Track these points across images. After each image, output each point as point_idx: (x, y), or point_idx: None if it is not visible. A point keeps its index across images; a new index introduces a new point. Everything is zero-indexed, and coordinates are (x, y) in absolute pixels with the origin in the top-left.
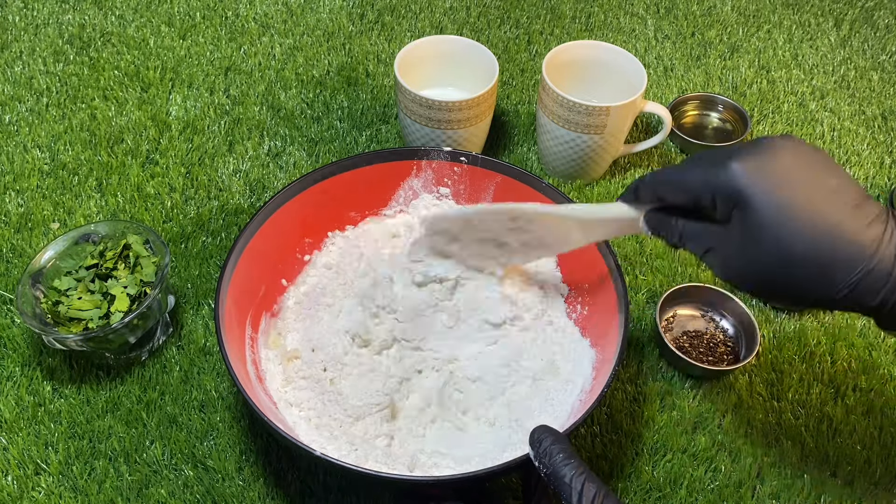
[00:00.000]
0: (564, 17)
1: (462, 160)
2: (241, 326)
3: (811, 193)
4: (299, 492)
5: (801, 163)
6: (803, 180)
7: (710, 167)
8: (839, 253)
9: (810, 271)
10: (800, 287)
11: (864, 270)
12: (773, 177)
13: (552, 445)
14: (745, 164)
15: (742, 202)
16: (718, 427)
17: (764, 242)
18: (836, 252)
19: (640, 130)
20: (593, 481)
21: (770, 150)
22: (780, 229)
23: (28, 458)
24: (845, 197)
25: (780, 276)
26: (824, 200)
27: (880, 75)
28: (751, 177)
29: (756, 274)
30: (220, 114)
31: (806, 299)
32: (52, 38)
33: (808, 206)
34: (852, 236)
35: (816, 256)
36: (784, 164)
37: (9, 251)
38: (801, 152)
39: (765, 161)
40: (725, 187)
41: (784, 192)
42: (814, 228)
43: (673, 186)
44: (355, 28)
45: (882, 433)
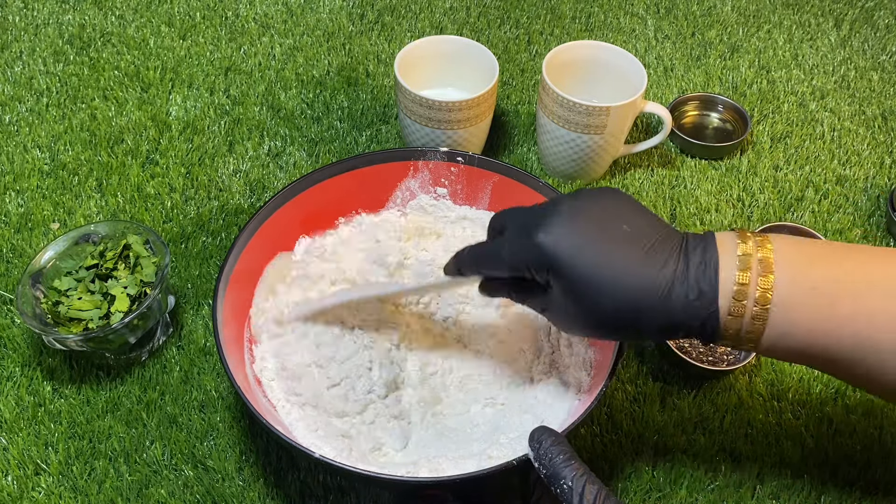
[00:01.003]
0: (564, 17)
1: (459, 160)
2: (240, 327)
3: (607, 249)
4: (299, 492)
5: (595, 219)
6: (599, 237)
7: (519, 244)
8: (640, 302)
9: (624, 321)
10: (624, 333)
11: (664, 313)
12: (574, 241)
13: (552, 446)
14: (547, 237)
15: (553, 272)
16: (718, 427)
17: (579, 304)
18: (638, 302)
19: (640, 130)
20: (594, 482)
21: (568, 214)
22: (588, 292)
23: (28, 458)
24: (638, 243)
25: (604, 329)
26: (619, 252)
27: (880, 75)
28: (555, 248)
29: (586, 329)
30: (220, 114)
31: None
32: (52, 38)
33: (606, 263)
34: (647, 284)
35: (623, 309)
36: (581, 226)
37: (9, 251)
38: (596, 208)
39: (564, 227)
40: (536, 263)
41: (584, 255)
42: (614, 283)
43: (491, 265)
44: (355, 28)
45: (882, 433)
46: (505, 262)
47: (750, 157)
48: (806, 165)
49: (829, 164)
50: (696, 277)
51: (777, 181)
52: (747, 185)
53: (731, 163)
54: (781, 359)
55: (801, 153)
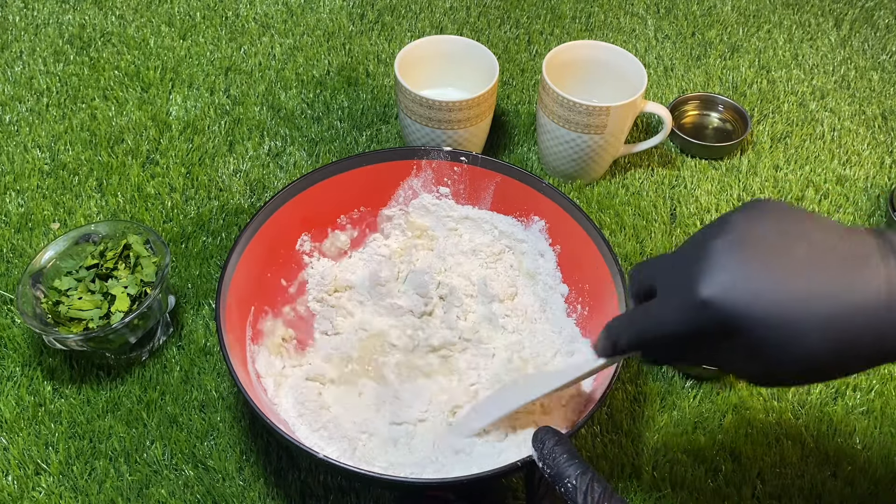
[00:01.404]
0: (564, 17)
1: (462, 160)
2: (241, 326)
3: (795, 275)
4: (299, 492)
5: (763, 248)
6: (776, 269)
7: (679, 308)
8: (855, 327)
9: (839, 355)
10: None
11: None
12: (747, 285)
13: (556, 446)
14: (713, 288)
15: (734, 332)
16: (719, 427)
17: (779, 356)
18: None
19: (641, 130)
20: (598, 481)
21: (728, 251)
22: (785, 340)
23: (28, 458)
24: (825, 258)
25: (806, 375)
26: (811, 274)
27: (880, 75)
28: (729, 301)
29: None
30: (221, 114)
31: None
32: (52, 38)
33: (800, 296)
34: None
35: (835, 341)
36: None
37: (9, 251)
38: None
39: (729, 271)
40: (711, 327)
41: (767, 298)
42: (816, 319)
43: (653, 340)
44: (355, 28)
45: (882, 433)
46: (670, 333)
47: (750, 157)
48: (806, 165)
49: (829, 163)
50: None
51: (777, 181)
52: (747, 185)
53: (731, 163)
54: None
55: (801, 153)
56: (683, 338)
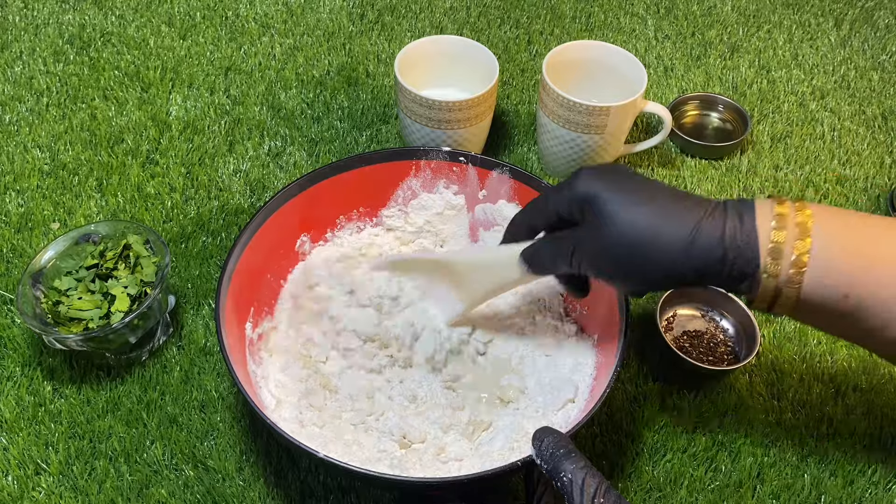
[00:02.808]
0: (564, 17)
1: (461, 160)
2: (241, 326)
3: (642, 189)
4: (299, 492)
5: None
6: (636, 182)
7: (563, 186)
8: (668, 235)
9: (651, 247)
10: (644, 262)
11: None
12: (614, 181)
13: (554, 443)
14: (589, 175)
15: (590, 200)
16: (718, 427)
17: (611, 227)
18: (667, 226)
19: (641, 130)
20: (594, 475)
21: (606, 166)
22: (622, 215)
23: (28, 458)
24: (669, 190)
25: (627, 256)
26: (654, 192)
27: (880, 75)
28: (596, 182)
29: (609, 257)
30: (221, 114)
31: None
32: (52, 38)
33: (642, 198)
34: (678, 220)
35: (653, 233)
36: (620, 173)
37: (9, 251)
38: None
39: (605, 172)
40: (578, 194)
41: (623, 190)
42: (647, 212)
43: (537, 213)
44: (355, 28)
45: (882, 433)
46: (549, 208)
47: (750, 157)
48: (806, 165)
49: (829, 163)
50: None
51: (777, 181)
52: (747, 185)
53: (731, 163)
54: (812, 311)
55: (801, 153)
56: (555, 209)
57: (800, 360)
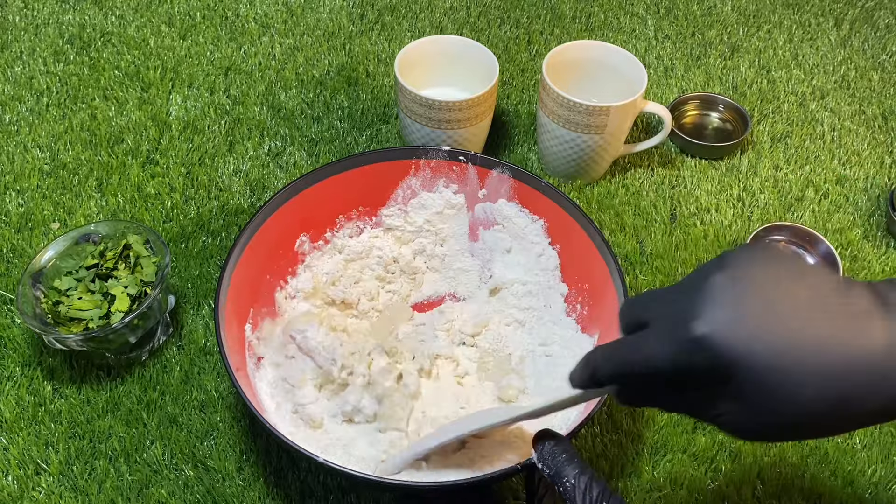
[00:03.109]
0: (564, 17)
1: (461, 159)
2: (240, 327)
3: (792, 324)
4: (299, 492)
5: (762, 289)
6: (776, 312)
7: (672, 342)
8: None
9: (836, 405)
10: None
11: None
12: (745, 325)
13: (555, 447)
14: (709, 326)
15: (727, 371)
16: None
17: (772, 403)
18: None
19: (641, 130)
20: (596, 480)
21: (726, 289)
22: (781, 385)
23: (28, 457)
24: (822, 305)
25: (802, 426)
26: (807, 323)
27: (880, 75)
28: (726, 340)
29: (777, 431)
30: (221, 114)
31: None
32: (52, 38)
33: (797, 343)
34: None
35: (833, 390)
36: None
37: (9, 251)
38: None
39: (727, 309)
40: (703, 366)
41: (765, 340)
42: (814, 364)
43: (635, 374)
44: (355, 28)
45: (882, 433)
46: (656, 369)
47: (750, 157)
48: (806, 165)
49: (829, 163)
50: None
51: (777, 181)
52: (747, 184)
53: (731, 163)
54: None
55: (801, 153)
56: (669, 375)
57: None
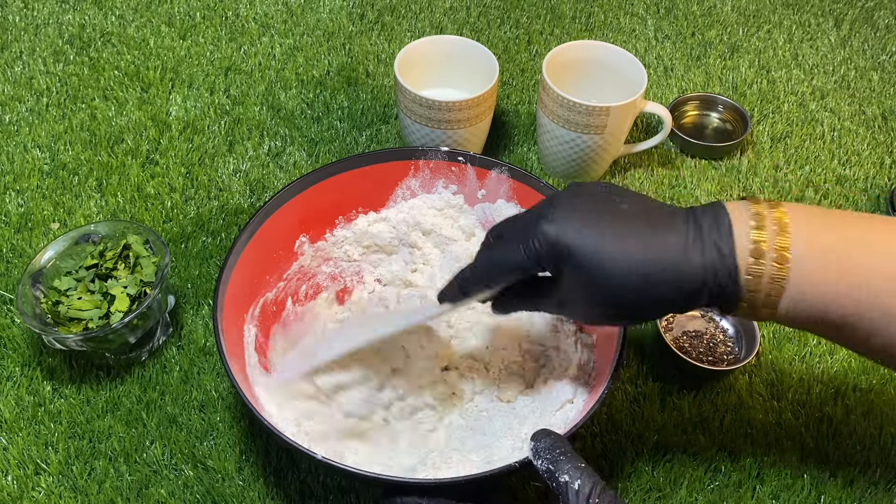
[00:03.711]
0: (564, 17)
1: (460, 160)
2: (240, 327)
3: (610, 225)
4: (299, 492)
5: (593, 203)
6: (601, 217)
7: (524, 242)
8: (654, 272)
9: (640, 295)
10: (642, 310)
11: (680, 279)
12: (577, 224)
13: (551, 444)
14: (551, 225)
15: (563, 259)
16: (718, 427)
17: (593, 287)
18: (652, 272)
19: (641, 130)
20: (590, 476)
21: (566, 202)
22: (599, 271)
23: (28, 457)
24: (641, 216)
25: (622, 308)
26: (623, 226)
27: (880, 75)
28: (560, 233)
29: (604, 312)
30: (220, 114)
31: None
32: (52, 38)
33: (612, 237)
34: (658, 251)
35: (638, 282)
36: (581, 210)
37: (9, 251)
38: (591, 193)
39: (565, 213)
40: (546, 253)
41: (589, 234)
42: (624, 257)
43: (500, 271)
44: (355, 28)
45: (882, 433)
46: (512, 264)
47: (750, 157)
48: (806, 165)
49: (829, 164)
50: (711, 238)
51: (777, 181)
52: (747, 185)
53: (731, 163)
54: (800, 326)
55: (801, 153)
56: (525, 268)
57: (799, 360)
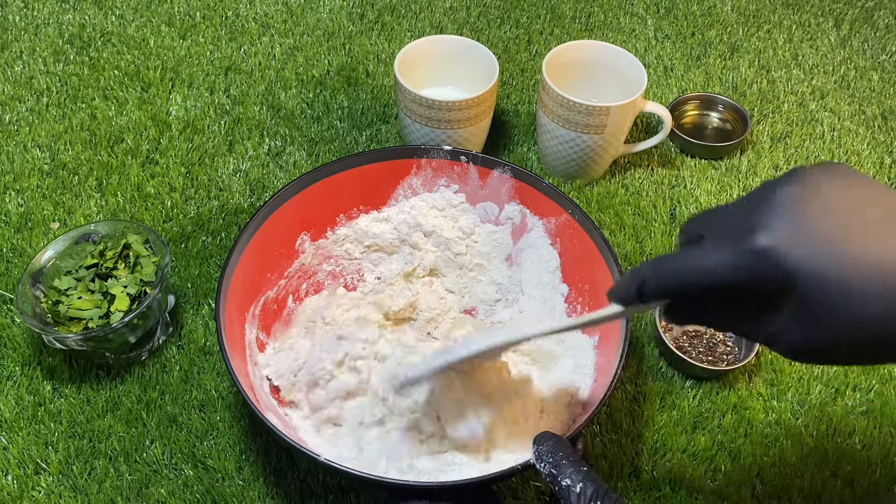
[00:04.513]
0: (564, 17)
1: (462, 159)
2: (241, 325)
3: (856, 242)
4: (299, 491)
5: (829, 207)
6: (841, 230)
7: (732, 254)
8: None
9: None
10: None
11: None
12: (809, 240)
13: (553, 447)
14: (772, 239)
15: (788, 284)
16: (718, 427)
17: (832, 322)
18: None
19: (640, 130)
20: (592, 480)
21: (793, 205)
22: (843, 304)
23: (28, 457)
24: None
25: (861, 346)
26: (872, 243)
27: (880, 75)
28: (785, 253)
29: (834, 350)
30: (220, 114)
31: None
32: (52, 38)
33: (862, 261)
34: None
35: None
36: (814, 218)
37: (9, 251)
38: (826, 191)
39: (792, 224)
40: (763, 279)
41: (828, 256)
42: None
43: (689, 287)
44: (355, 28)
45: (882, 433)
46: (717, 280)
47: (750, 156)
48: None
49: None
50: None
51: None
52: (747, 184)
53: (731, 163)
54: None
55: (801, 153)
56: (726, 288)
57: None
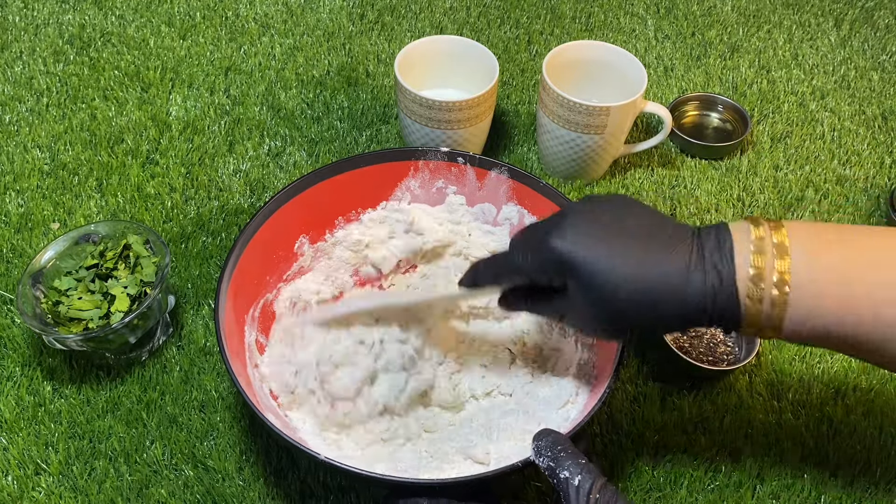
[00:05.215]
0: (564, 17)
1: (459, 160)
2: (240, 327)
3: (619, 243)
4: (299, 491)
5: (604, 219)
6: (610, 234)
7: (535, 251)
8: (657, 292)
9: (642, 313)
10: (643, 327)
11: (682, 300)
12: (586, 241)
13: (553, 442)
14: (561, 240)
15: (569, 272)
16: (718, 427)
17: (596, 301)
18: (655, 292)
19: (641, 130)
20: (590, 472)
21: (579, 217)
22: (604, 287)
23: (28, 458)
24: (648, 236)
25: (623, 324)
26: (630, 246)
27: (880, 75)
28: (569, 249)
29: (605, 326)
30: (221, 114)
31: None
32: (52, 38)
33: (620, 255)
34: (662, 272)
35: (640, 301)
36: (592, 226)
37: (9, 251)
38: (604, 210)
39: (576, 229)
40: (553, 266)
41: (597, 252)
42: (629, 275)
43: (508, 274)
44: (355, 28)
45: (882, 433)
46: (522, 270)
47: (750, 157)
48: (806, 165)
49: (829, 164)
50: (712, 262)
51: (777, 181)
52: (747, 185)
53: (731, 163)
54: (809, 344)
55: (801, 153)
56: (530, 274)
57: (799, 360)
